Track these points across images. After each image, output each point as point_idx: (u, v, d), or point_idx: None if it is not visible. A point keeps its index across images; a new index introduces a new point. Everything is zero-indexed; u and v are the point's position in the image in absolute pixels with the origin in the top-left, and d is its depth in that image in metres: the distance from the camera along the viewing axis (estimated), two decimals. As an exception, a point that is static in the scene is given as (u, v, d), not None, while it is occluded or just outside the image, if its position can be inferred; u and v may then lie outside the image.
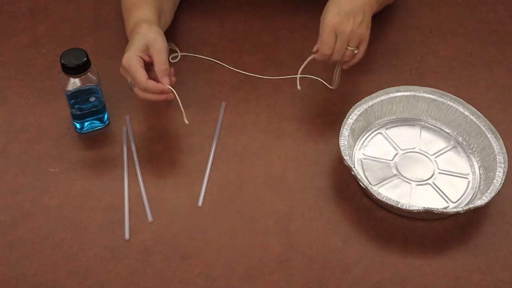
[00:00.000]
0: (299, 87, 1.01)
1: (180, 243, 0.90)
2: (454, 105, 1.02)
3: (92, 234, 0.91)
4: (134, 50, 0.94)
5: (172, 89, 0.94)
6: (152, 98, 0.95)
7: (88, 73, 0.96)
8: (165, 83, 0.94)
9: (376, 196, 0.90)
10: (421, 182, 0.97)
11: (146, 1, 1.03)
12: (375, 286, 0.86)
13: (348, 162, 0.93)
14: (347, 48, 0.99)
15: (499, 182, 0.92)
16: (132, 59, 0.93)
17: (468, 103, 1.02)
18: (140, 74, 0.92)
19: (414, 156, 1.01)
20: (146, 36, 0.94)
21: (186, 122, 0.97)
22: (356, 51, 1.00)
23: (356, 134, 1.01)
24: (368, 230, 0.92)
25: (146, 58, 0.95)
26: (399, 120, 1.05)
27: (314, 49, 0.99)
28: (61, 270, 0.87)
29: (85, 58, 0.94)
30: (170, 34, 1.14)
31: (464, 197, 0.95)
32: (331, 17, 0.97)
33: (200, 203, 0.94)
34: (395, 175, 0.98)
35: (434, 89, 1.04)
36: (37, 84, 1.10)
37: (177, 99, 0.95)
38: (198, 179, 0.97)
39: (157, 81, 0.95)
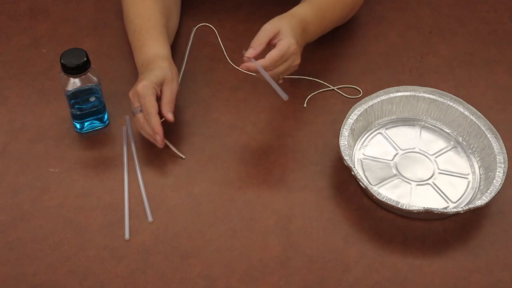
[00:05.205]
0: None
1: (180, 243, 0.90)
2: (454, 105, 1.02)
3: (92, 234, 0.91)
4: (153, 81, 0.95)
5: (168, 142, 0.99)
6: (147, 132, 0.96)
7: (88, 73, 0.96)
8: (170, 118, 0.96)
9: (376, 196, 0.90)
10: (421, 182, 0.97)
11: (158, 29, 1.04)
12: (375, 286, 0.86)
13: (348, 162, 0.92)
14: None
15: (499, 182, 0.92)
16: (149, 88, 0.95)
17: (468, 103, 1.02)
18: (151, 103, 0.94)
19: (414, 156, 1.01)
20: (166, 72, 0.97)
21: (183, 157, 1.00)
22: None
23: (356, 134, 1.01)
24: (368, 230, 0.92)
25: (158, 92, 0.97)
26: (399, 120, 1.05)
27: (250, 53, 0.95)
28: (61, 270, 0.87)
29: (85, 58, 0.94)
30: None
31: (464, 197, 0.95)
32: (293, 44, 0.95)
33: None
34: (395, 175, 0.98)
35: (434, 89, 1.04)
36: (37, 84, 1.10)
37: (171, 147, 0.99)
38: (198, 179, 0.98)
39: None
